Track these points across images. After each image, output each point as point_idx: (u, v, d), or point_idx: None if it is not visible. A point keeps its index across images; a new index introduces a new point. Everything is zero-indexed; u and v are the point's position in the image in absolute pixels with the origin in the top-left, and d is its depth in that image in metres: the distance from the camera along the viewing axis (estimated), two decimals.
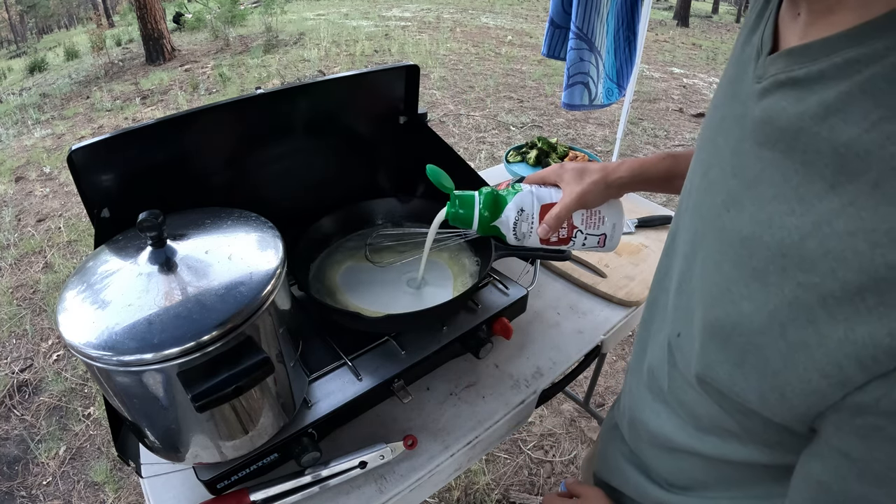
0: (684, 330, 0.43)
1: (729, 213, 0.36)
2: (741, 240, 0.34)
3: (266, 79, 5.83)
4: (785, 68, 0.31)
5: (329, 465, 0.64)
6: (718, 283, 0.36)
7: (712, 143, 0.41)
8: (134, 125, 0.65)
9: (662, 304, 0.51)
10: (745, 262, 0.33)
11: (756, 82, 0.34)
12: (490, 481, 1.64)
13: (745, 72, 0.37)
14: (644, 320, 0.58)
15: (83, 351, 0.47)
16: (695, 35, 9.09)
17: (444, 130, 4.30)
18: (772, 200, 0.31)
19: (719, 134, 0.40)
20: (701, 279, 0.40)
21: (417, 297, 0.82)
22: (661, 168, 0.65)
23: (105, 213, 0.67)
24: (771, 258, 0.31)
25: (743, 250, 0.33)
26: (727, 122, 0.39)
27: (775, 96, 0.32)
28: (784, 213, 0.30)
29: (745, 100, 0.36)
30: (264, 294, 0.52)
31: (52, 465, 1.79)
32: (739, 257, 0.34)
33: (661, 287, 0.53)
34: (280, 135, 0.84)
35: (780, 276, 0.30)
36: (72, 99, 5.90)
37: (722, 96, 0.42)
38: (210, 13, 8.49)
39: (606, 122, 4.48)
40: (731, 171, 0.37)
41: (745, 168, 0.35)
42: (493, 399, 0.77)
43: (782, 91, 0.31)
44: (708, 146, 0.42)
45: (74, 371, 2.16)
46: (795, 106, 0.30)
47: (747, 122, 0.35)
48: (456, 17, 9.05)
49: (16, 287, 2.69)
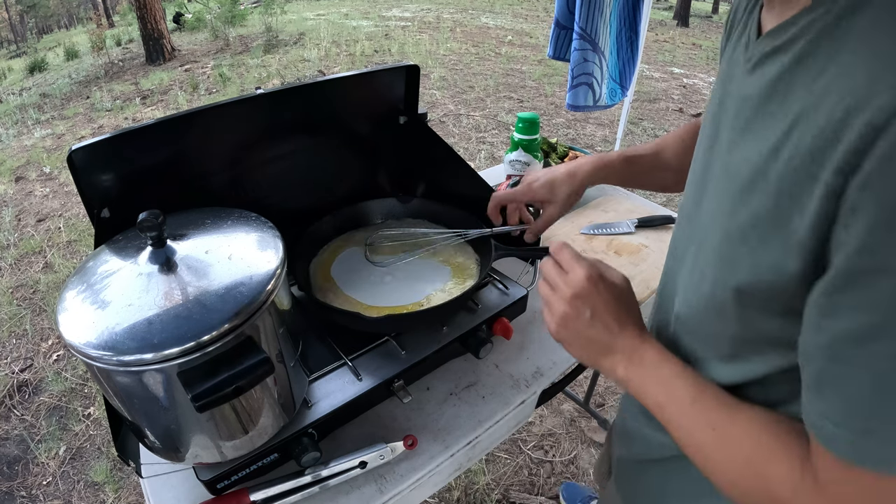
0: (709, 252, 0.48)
1: (731, 154, 0.45)
2: (745, 164, 0.42)
3: (266, 79, 5.83)
4: (769, 43, 0.42)
5: (329, 465, 0.64)
6: (733, 200, 0.43)
7: (714, 121, 0.50)
8: (134, 125, 0.65)
9: (677, 271, 0.57)
10: (750, 178, 0.41)
11: (747, 62, 0.45)
12: (490, 481, 1.64)
13: (737, 62, 0.47)
14: (659, 302, 0.63)
15: (83, 351, 0.47)
16: (695, 35, 9.09)
17: (444, 130, 4.30)
18: (763, 131, 0.41)
19: (721, 111, 0.49)
20: (715, 207, 0.47)
21: (410, 289, 0.82)
22: (620, 166, 0.81)
23: (105, 213, 0.67)
24: (766, 167, 0.40)
25: (746, 169, 0.42)
26: (724, 100, 0.48)
27: (765, 64, 0.42)
28: (774, 128, 0.40)
29: (738, 78, 0.46)
30: (264, 294, 0.52)
31: (52, 465, 1.79)
32: (745, 177, 0.42)
33: (675, 257, 0.59)
34: (280, 135, 0.84)
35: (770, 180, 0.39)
36: (72, 99, 5.90)
37: (719, 85, 0.52)
38: (210, 13, 8.49)
39: (606, 122, 4.48)
40: (729, 128, 0.46)
41: (741, 120, 0.45)
42: (493, 399, 0.77)
43: (770, 58, 0.42)
44: (713, 123, 0.51)
45: (74, 371, 2.16)
46: (778, 63, 0.41)
47: (742, 92, 0.45)
48: (456, 17, 9.05)
49: (16, 287, 2.69)
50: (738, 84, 0.46)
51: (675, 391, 0.49)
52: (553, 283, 0.57)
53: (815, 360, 0.37)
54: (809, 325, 0.37)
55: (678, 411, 0.48)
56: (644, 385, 0.51)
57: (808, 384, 0.38)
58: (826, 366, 0.36)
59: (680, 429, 0.48)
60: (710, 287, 0.47)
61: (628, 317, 0.55)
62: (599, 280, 0.55)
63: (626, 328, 0.53)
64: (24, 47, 13.22)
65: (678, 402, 0.48)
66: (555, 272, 0.57)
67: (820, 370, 0.37)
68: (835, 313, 0.34)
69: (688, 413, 0.47)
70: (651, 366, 0.51)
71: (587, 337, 0.55)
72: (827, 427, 0.36)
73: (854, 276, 0.33)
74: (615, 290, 0.55)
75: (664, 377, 0.50)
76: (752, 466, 0.42)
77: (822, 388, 0.36)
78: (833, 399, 0.36)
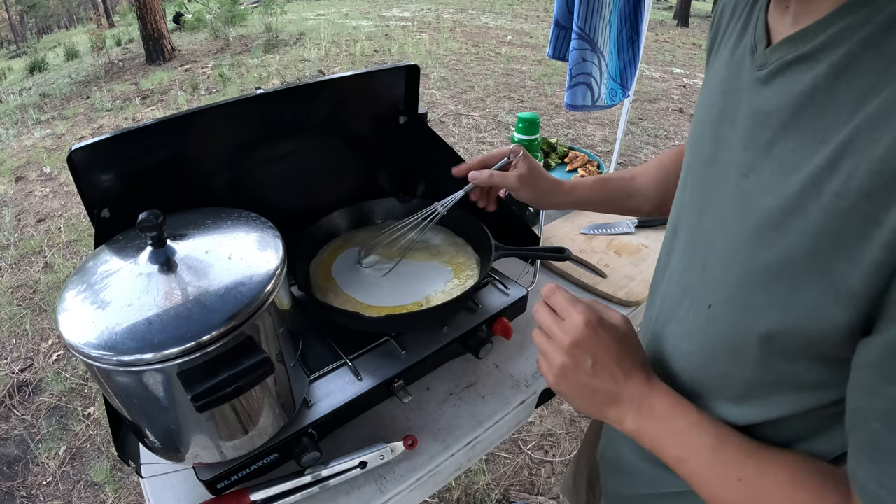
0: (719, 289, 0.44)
1: (748, 178, 0.40)
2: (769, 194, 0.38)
3: (266, 79, 5.83)
4: (790, 51, 0.38)
5: (329, 465, 0.64)
6: (754, 238, 0.39)
7: (714, 134, 0.46)
8: (134, 125, 0.65)
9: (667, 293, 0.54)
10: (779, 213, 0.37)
11: (758, 70, 0.41)
12: (490, 481, 1.64)
13: (741, 67, 0.43)
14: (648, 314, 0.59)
15: (83, 351, 0.47)
16: (695, 35, 9.09)
17: (444, 130, 4.30)
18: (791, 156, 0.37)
19: (721, 124, 0.45)
20: (726, 243, 0.43)
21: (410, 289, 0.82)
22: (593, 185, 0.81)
23: (105, 213, 0.67)
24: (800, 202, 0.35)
25: (772, 201, 0.37)
26: (728, 111, 0.44)
27: (786, 74, 0.38)
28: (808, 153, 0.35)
29: (747, 88, 0.42)
30: (264, 294, 0.52)
31: (52, 465, 1.79)
32: (771, 211, 0.38)
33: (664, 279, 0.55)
34: (280, 135, 0.84)
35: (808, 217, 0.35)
36: (72, 99, 5.90)
37: (716, 93, 0.47)
38: (210, 13, 8.49)
39: (606, 122, 4.48)
40: (741, 146, 0.42)
41: (758, 138, 0.40)
42: (493, 399, 0.77)
43: (792, 68, 0.38)
44: (712, 138, 0.47)
45: (74, 371, 2.16)
46: (808, 73, 0.36)
47: (756, 104, 0.41)
48: (456, 17, 9.05)
49: (16, 287, 2.69)
50: (748, 95, 0.42)
51: (694, 443, 0.45)
52: (549, 330, 0.52)
53: (869, 424, 0.34)
54: (864, 387, 0.34)
55: (700, 464, 0.44)
56: (660, 439, 0.47)
57: (859, 447, 0.35)
58: (885, 432, 0.33)
59: (704, 484, 0.44)
60: (727, 329, 0.43)
61: (633, 363, 0.50)
62: (599, 325, 0.49)
63: (631, 376, 0.49)
64: (24, 47, 13.23)
65: (698, 456, 0.44)
66: (550, 319, 0.52)
67: (876, 436, 0.34)
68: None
69: (711, 465, 0.44)
70: (663, 417, 0.47)
71: (591, 387, 0.50)
72: (882, 495, 0.33)
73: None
74: (617, 334, 0.50)
75: (680, 429, 0.46)
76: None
77: (880, 456, 0.34)
78: (891, 468, 0.33)
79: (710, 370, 0.48)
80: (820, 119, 0.35)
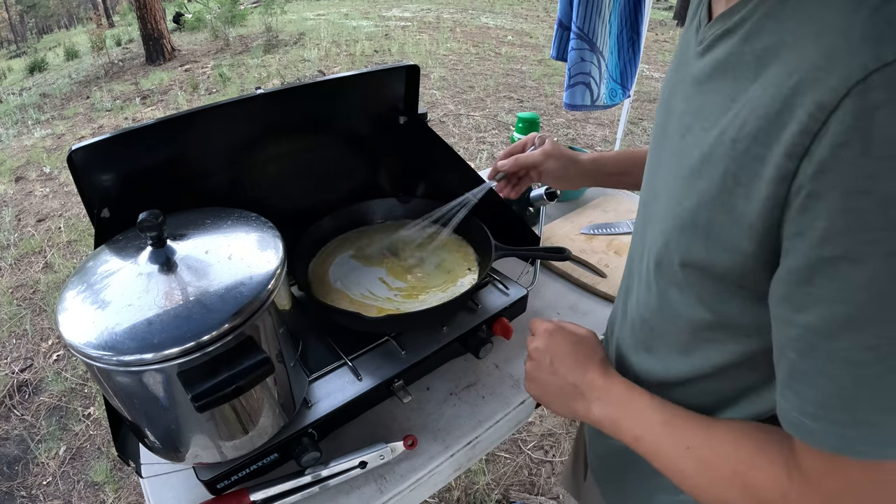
0: (660, 236, 0.48)
1: (684, 138, 0.45)
2: (695, 148, 0.42)
3: (266, 79, 5.83)
4: (720, 26, 0.42)
5: (329, 465, 0.64)
6: (681, 185, 0.44)
7: (666, 106, 0.51)
8: (134, 125, 0.65)
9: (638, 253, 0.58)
10: (698, 162, 0.42)
11: (698, 46, 0.45)
12: (490, 481, 1.64)
13: (688, 45, 0.48)
14: (623, 288, 0.64)
15: (83, 351, 0.47)
16: None
17: (444, 130, 4.30)
18: (712, 113, 0.41)
19: (672, 97, 0.50)
20: (666, 195, 0.47)
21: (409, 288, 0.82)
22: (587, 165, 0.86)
23: (105, 213, 0.67)
24: (711, 150, 0.40)
25: (696, 152, 0.42)
26: (678, 86, 0.49)
27: (716, 47, 0.42)
28: (722, 113, 0.39)
29: (690, 62, 0.46)
30: (264, 294, 0.52)
31: (52, 465, 1.79)
32: (694, 161, 0.42)
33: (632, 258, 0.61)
34: (280, 135, 0.84)
35: (716, 163, 0.39)
36: (72, 99, 5.90)
37: (672, 73, 0.52)
38: (210, 13, 8.49)
39: (606, 121, 4.48)
40: (682, 110, 0.46)
41: (693, 103, 0.45)
42: (493, 399, 0.78)
43: (720, 41, 0.42)
44: (664, 111, 0.52)
45: (74, 371, 2.16)
46: (728, 43, 0.41)
47: (694, 74, 0.45)
48: (456, 17, 9.05)
49: (16, 287, 2.69)
50: (690, 69, 0.46)
51: (647, 421, 0.49)
52: (527, 350, 0.62)
53: (787, 355, 0.36)
54: (779, 320, 0.37)
55: (654, 439, 0.49)
56: (618, 422, 0.52)
57: (782, 381, 0.38)
58: (799, 360, 0.35)
59: (659, 457, 0.48)
60: (667, 270, 0.48)
61: (589, 358, 0.56)
62: (556, 331, 0.59)
63: (588, 370, 0.55)
64: (24, 47, 13.23)
65: (652, 432, 0.49)
66: (527, 341, 0.62)
67: (793, 365, 0.36)
68: (803, 306, 0.34)
69: (662, 438, 0.48)
70: (620, 402, 0.52)
71: (556, 385, 0.57)
72: (806, 423, 0.35)
73: (819, 267, 0.32)
74: (573, 338, 0.58)
75: (635, 411, 0.51)
76: (736, 479, 0.42)
77: (798, 384, 0.36)
78: (809, 393, 0.35)
79: (663, 314, 0.51)
80: (732, 80, 0.39)
